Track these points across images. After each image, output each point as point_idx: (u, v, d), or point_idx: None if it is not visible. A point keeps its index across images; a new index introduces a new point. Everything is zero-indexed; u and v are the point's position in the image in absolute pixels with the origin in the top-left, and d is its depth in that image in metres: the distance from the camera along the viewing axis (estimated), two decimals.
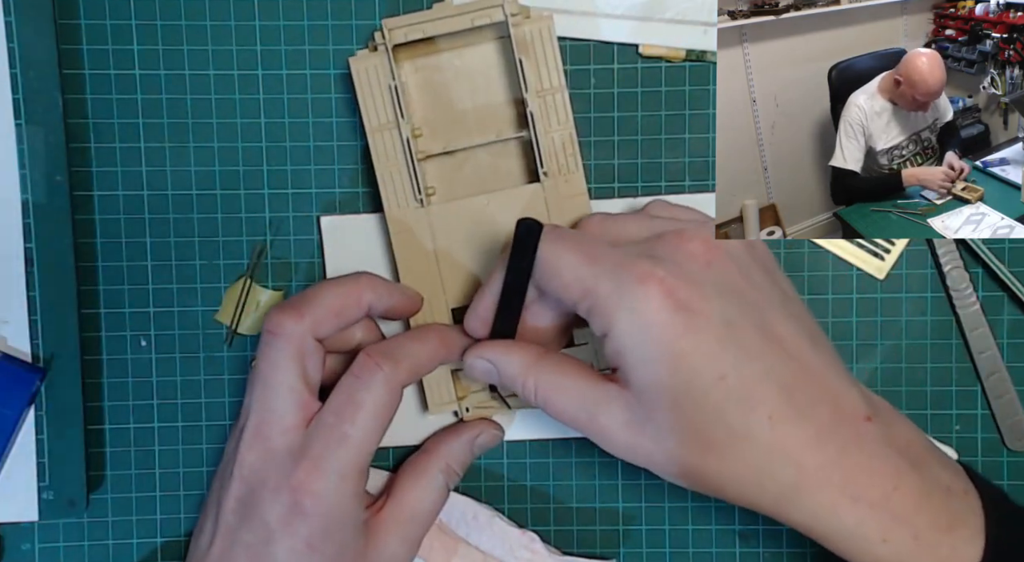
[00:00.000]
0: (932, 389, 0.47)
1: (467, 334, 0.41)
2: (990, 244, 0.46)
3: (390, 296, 0.42)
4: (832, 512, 0.35)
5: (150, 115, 0.45)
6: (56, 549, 0.46)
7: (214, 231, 0.46)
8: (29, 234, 0.44)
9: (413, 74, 0.44)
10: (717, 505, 0.47)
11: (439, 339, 0.42)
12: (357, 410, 0.39)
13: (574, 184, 0.44)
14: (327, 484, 0.38)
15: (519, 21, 0.42)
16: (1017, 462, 0.47)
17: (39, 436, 0.45)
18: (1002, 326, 0.47)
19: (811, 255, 0.47)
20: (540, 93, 0.43)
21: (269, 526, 0.38)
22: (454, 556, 0.45)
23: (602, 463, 0.47)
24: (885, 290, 0.47)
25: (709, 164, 0.46)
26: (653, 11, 0.45)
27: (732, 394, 0.35)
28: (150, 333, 0.46)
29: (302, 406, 0.39)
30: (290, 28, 0.45)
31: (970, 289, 0.46)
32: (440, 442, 0.44)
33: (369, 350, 0.40)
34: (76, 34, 0.45)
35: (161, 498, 0.47)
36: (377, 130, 0.43)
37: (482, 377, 0.41)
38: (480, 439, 0.44)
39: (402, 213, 0.44)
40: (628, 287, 0.36)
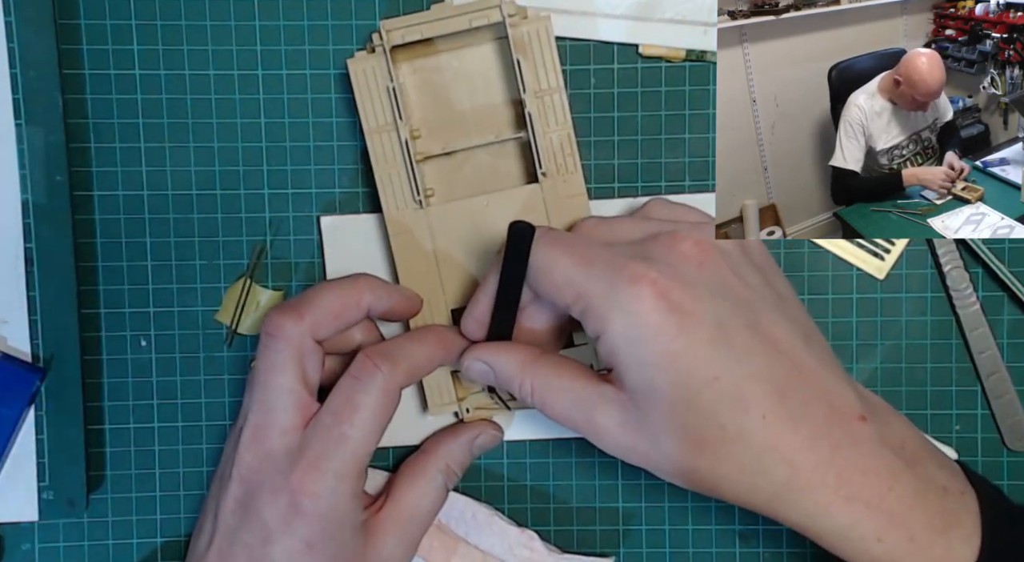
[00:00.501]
0: (932, 389, 0.47)
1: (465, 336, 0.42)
2: (990, 244, 0.46)
3: (389, 298, 0.42)
4: (826, 512, 0.35)
5: (150, 115, 0.45)
6: (56, 549, 0.46)
7: (214, 231, 0.46)
8: (29, 234, 0.44)
9: (411, 75, 0.44)
10: (717, 505, 0.47)
11: (438, 340, 0.42)
12: (355, 411, 0.39)
13: (573, 184, 0.44)
14: (325, 485, 0.38)
15: (516, 22, 0.42)
16: (1017, 462, 0.47)
17: (39, 436, 0.45)
18: (1002, 326, 0.46)
19: (811, 255, 0.47)
20: (538, 93, 0.43)
21: (268, 526, 0.38)
22: (453, 555, 0.45)
23: (602, 463, 0.47)
24: (885, 290, 0.47)
25: (709, 164, 0.46)
26: (653, 11, 0.45)
27: (725, 395, 0.35)
28: (150, 333, 0.46)
29: (301, 407, 0.39)
30: (290, 28, 0.45)
31: (970, 289, 0.46)
32: (439, 443, 0.44)
33: (367, 351, 0.40)
34: (76, 34, 0.45)
35: (161, 498, 0.47)
36: (376, 132, 0.43)
37: (479, 379, 0.41)
38: (479, 440, 0.44)
39: (401, 214, 0.44)
40: (620, 289, 0.36)
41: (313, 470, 0.38)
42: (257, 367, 0.40)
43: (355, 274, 0.42)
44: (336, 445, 0.38)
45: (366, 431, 0.39)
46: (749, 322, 0.36)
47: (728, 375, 0.35)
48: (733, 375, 0.35)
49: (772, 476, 0.35)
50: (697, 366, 0.35)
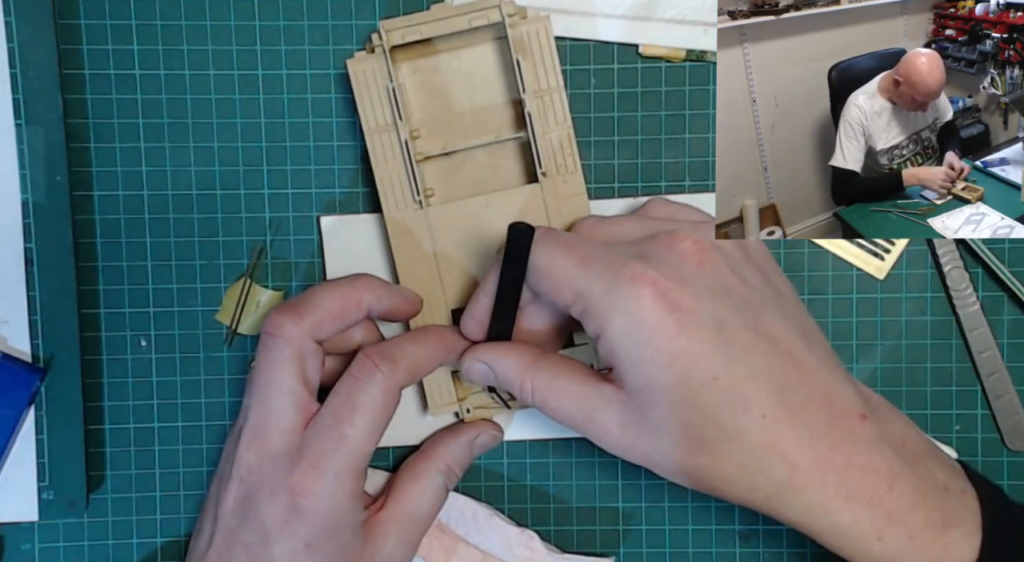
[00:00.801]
0: (932, 389, 0.47)
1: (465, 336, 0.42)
2: (990, 244, 0.46)
3: (389, 298, 0.42)
4: (825, 511, 0.35)
5: (150, 115, 0.45)
6: (56, 549, 0.46)
7: (214, 231, 0.46)
8: (29, 234, 0.44)
9: (411, 76, 0.44)
10: (717, 505, 0.47)
11: (438, 341, 0.42)
12: (355, 411, 0.39)
13: (572, 184, 0.44)
14: (325, 485, 0.38)
15: (516, 22, 0.42)
16: (1017, 462, 0.47)
17: (39, 436, 0.45)
18: (1002, 326, 0.46)
19: (811, 255, 0.47)
20: (538, 93, 0.43)
21: (267, 527, 0.38)
22: (453, 555, 0.45)
23: (602, 463, 0.47)
24: (885, 290, 0.47)
25: (709, 164, 0.46)
26: (653, 11, 0.45)
27: (725, 394, 0.35)
28: (150, 333, 0.46)
29: (300, 407, 0.39)
30: (290, 28, 0.45)
31: (970, 289, 0.46)
32: (439, 443, 0.44)
33: (367, 351, 0.40)
34: (76, 34, 0.45)
35: (161, 498, 0.47)
36: (375, 132, 0.43)
37: (479, 379, 0.41)
38: (479, 440, 0.44)
39: (401, 214, 0.44)
40: (620, 288, 0.36)
41: (313, 470, 0.38)
42: (257, 367, 0.40)
43: (355, 274, 0.42)
44: (336, 445, 0.38)
45: (365, 431, 0.39)
46: (749, 322, 0.36)
47: (728, 374, 0.35)
48: (733, 374, 0.35)
49: (771, 475, 0.35)
50: (697, 365, 0.35)
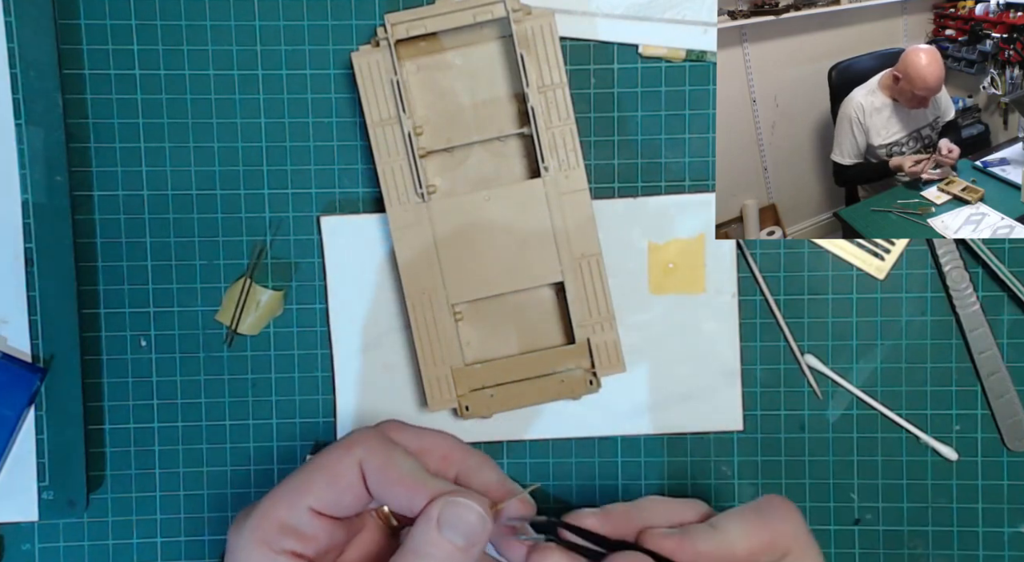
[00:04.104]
0: (932, 389, 0.47)
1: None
2: (990, 244, 0.46)
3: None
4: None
5: (150, 115, 0.45)
6: (56, 549, 0.46)
7: (214, 231, 0.46)
8: (29, 234, 0.44)
9: (415, 73, 0.44)
10: (717, 505, 0.47)
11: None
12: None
13: (575, 179, 0.44)
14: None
15: (520, 17, 0.43)
16: (1017, 462, 0.47)
17: (39, 436, 0.45)
18: (1002, 326, 0.47)
19: (811, 255, 0.47)
20: (541, 89, 0.43)
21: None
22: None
23: (602, 463, 0.47)
24: (885, 290, 0.47)
25: (709, 164, 0.46)
26: (653, 11, 0.45)
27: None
28: (150, 333, 0.46)
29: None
30: (290, 28, 0.45)
31: (970, 289, 0.46)
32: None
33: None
34: (76, 34, 0.45)
35: (161, 498, 0.47)
36: (379, 125, 0.43)
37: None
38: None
39: (403, 208, 0.44)
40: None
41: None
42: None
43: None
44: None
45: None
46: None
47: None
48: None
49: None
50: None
